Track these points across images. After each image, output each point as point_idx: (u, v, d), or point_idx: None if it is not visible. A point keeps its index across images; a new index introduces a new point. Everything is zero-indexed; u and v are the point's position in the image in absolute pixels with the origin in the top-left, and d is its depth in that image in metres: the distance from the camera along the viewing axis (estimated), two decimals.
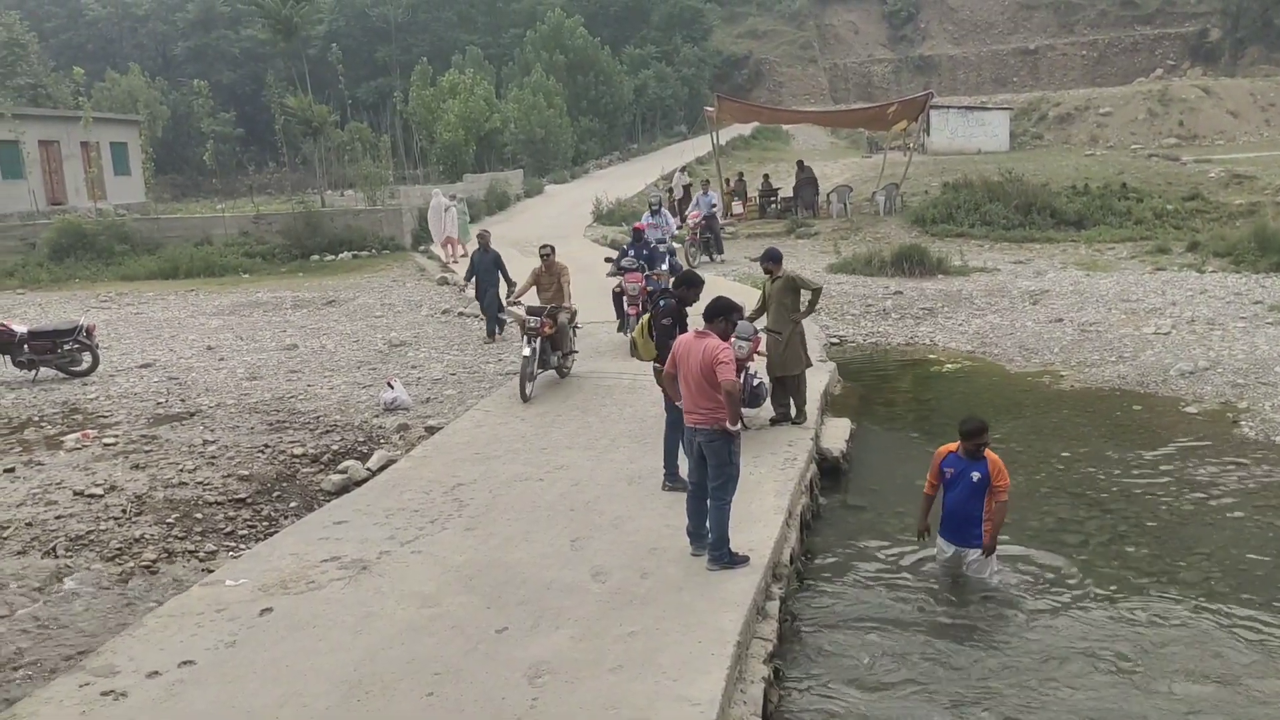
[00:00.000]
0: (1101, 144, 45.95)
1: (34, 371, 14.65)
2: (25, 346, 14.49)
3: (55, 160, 38.58)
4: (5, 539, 8.62)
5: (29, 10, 68.28)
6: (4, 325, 14.69)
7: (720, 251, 24.45)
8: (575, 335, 13.50)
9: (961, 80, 75.68)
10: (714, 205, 25.41)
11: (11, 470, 10.39)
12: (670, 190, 35.36)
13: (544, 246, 13.70)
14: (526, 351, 12.09)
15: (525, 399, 11.97)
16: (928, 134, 42.52)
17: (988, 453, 7.78)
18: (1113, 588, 7.85)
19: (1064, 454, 11.00)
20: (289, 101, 35.27)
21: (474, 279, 16.51)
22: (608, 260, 15.31)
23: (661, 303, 9.21)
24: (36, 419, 12.54)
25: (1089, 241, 24.67)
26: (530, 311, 12.42)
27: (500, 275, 16.27)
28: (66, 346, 14.59)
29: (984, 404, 12.75)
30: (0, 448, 11.36)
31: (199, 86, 49.39)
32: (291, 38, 36.05)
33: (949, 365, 15.17)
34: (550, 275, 13.50)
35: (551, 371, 12.99)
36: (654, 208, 20.15)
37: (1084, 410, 12.67)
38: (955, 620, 7.46)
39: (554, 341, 12.61)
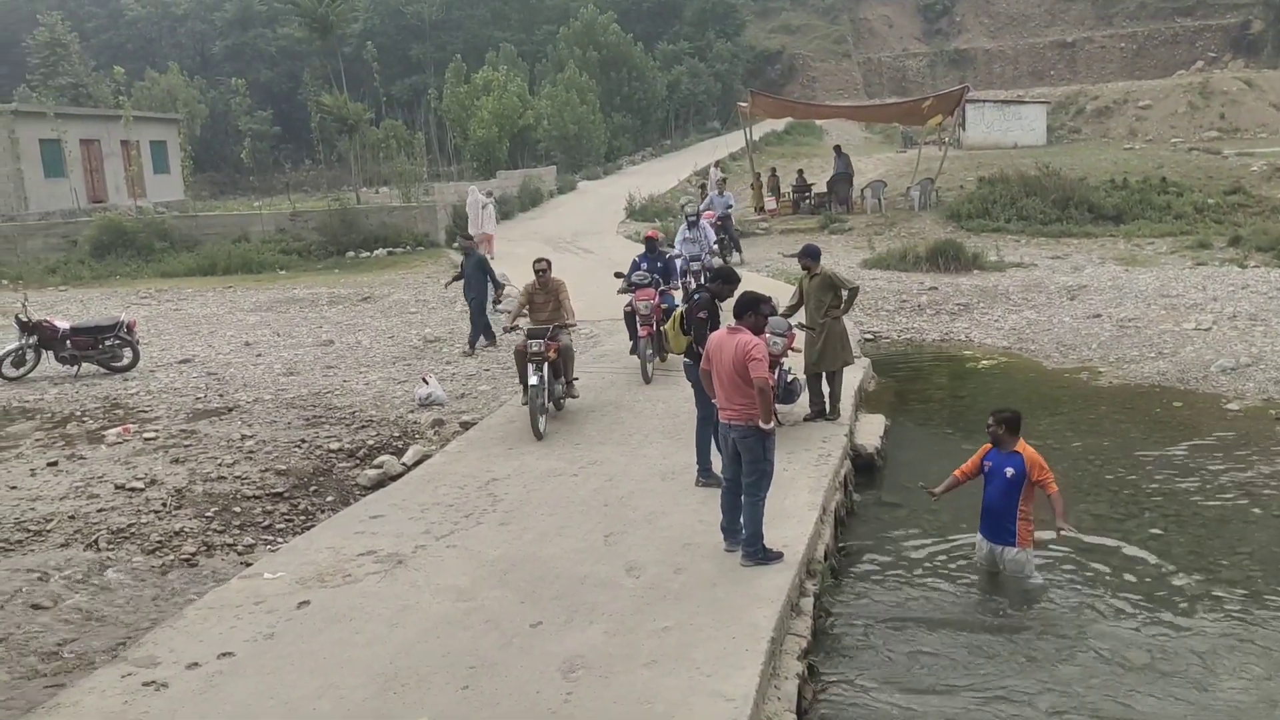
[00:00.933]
0: (1140, 138, 45.34)
1: (76, 367, 14.88)
2: (68, 342, 14.72)
3: (96, 159, 39.09)
4: (49, 531, 8.77)
5: (70, 11, 69.33)
6: (47, 321, 14.93)
7: (739, 251, 24.13)
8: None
9: (997, 74, 74.95)
10: (730, 206, 24.45)
11: (55, 464, 10.56)
12: (703, 186, 35.30)
13: (539, 261, 11.98)
14: (534, 380, 10.40)
15: (539, 436, 10.45)
16: (963, 128, 42.17)
17: (1023, 446, 7.70)
18: (1153, 586, 7.76)
19: (1102, 451, 10.89)
20: (325, 99, 35.55)
21: (463, 284, 15.76)
22: (618, 275, 13.73)
23: (696, 296, 9.19)
24: (79, 413, 12.73)
25: (1128, 236, 24.38)
26: (531, 334, 10.75)
27: (488, 279, 15.59)
28: (108, 342, 14.80)
29: (1020, 400, 12.61)
30: (44, 442, 11.55)
31: (237, 85, 50.04)
32: (327, 36, 36.29)
33: (985, 361, 15.05)
34: (546, 293, 11.69)
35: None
36: (690, 219, 16.92)
37: (1123, 407, 12.53)
38: (991, 618, 7.40)
39: (556, 368, 10.94)
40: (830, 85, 76.28)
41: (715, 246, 15.23)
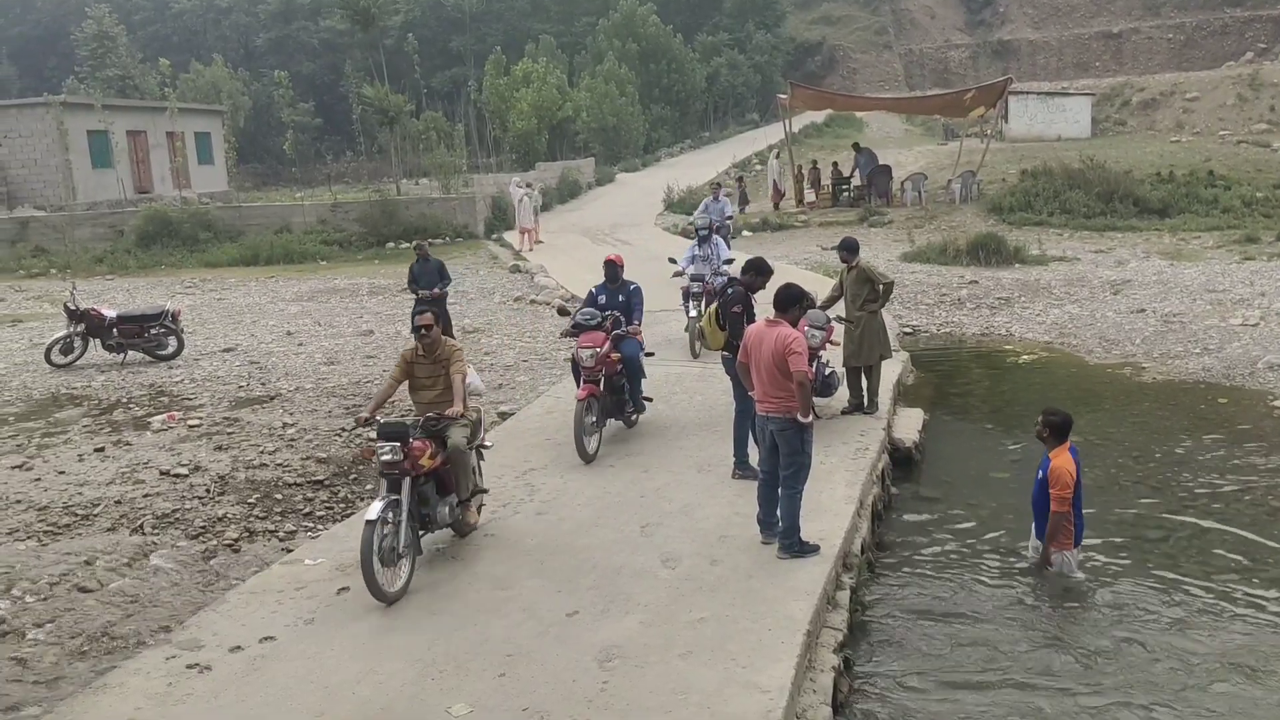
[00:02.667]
0: (1188, 130, 44.52)
1: (122, 355, 15.13)
2: (114, 331, 14.98)
3: (143, 150, 39.66)
4: (96, 516, 8.93)
5: (118, 3, 70.21)
6: (95, 310, 15.20)
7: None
8: (482, 461, 8.24)
9: (1041, 65, 73.94)
10: (729, 216, 20.40)
11: (102, 450, 10.76)
12: (740, 179, 35.19)
13: (421, 314, 7.73)
14: (372, 513, 6.66)
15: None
16: (1006, 120, 41.66)
17: (1057, 454, 7.53)
18: (1197, 586, 7.65)
19: (1145, 447, 10.75)
20: (366, 91, 35.84)
21: (416, 291, 14.31)
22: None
23: (730, 290, 9.16)
24: (125, 400, 12.95)
25: (1173, 230, 24.02)
26: (384, 432, 6.99)
27: (441, 283, 14.37)
28: (153, 331, 15.04)
29: (1062, 396, 12.51)
30: (91, 428, 11.77)
31: (279, 77, 50.40)
32: (369, 28, 36.62)
33: (1026, 356, 14.90)
34: (433, 363, 7.68)
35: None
36: (701, 233, 14.20)
37: (1166, 403, 12.36)
38: (1029, 615, 7.33)
39: (443, 482, 7.45)
40: (871, 77, 75.67)
41: (727, 266, 13.06)
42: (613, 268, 10.42)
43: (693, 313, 12.67)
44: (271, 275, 24.38)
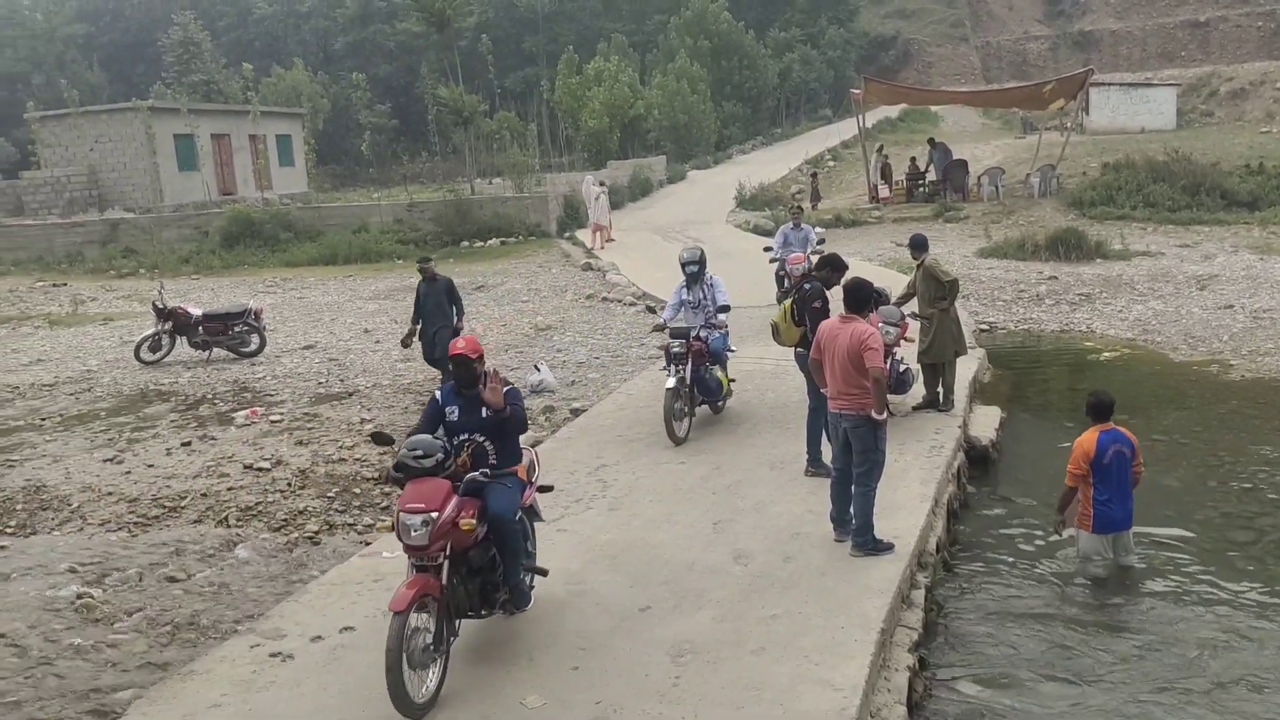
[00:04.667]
0: (1279, 121, 43.08)
1: (207, 352, 15.57)
2: (200, 328, 15.43)
3: (226, 152, 40.66)
4: (183, 508, 9.22)
5: (203, 10, 72.10)
6: (181, 309, 15.67)
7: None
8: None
9: (1124, 56, 72.02)
10: (818, 242, 15.63)
11: (189, 444, 11.09)
12: (814, 175, 34.80)
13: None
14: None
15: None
16: (1086, 113, 40.70)
17: (1084, 434, 7.75)
18: None
19: (1231, 446, 10.44)
20: (441, 92, 36.32)
21: (418, 323, 12.48)
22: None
23: (808, 286, 9.10)
24: (210, 396, 13.33)
25: (1263, 223, 23.23)
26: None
27: (454, 310, 12.44)
28: (237, 329, 15.46)
29: (1145, 394, 12.21)
30: (178, 423, 12.13)
31: (357, 80, 51.35)
32: (444, 30, 37.04)
33: (1107, 353, 14.55)
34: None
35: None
36: (690, 270, 10.73)
37: (1255, 402, 11.98)
38: (1108, 619, 7.17)
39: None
40: (947, 70, 74.44)
41: (723, 318, 10.61)
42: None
43: (671, 382, 9.80)
44: (349, 274, 24.85)
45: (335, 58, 72.76)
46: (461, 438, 6.13)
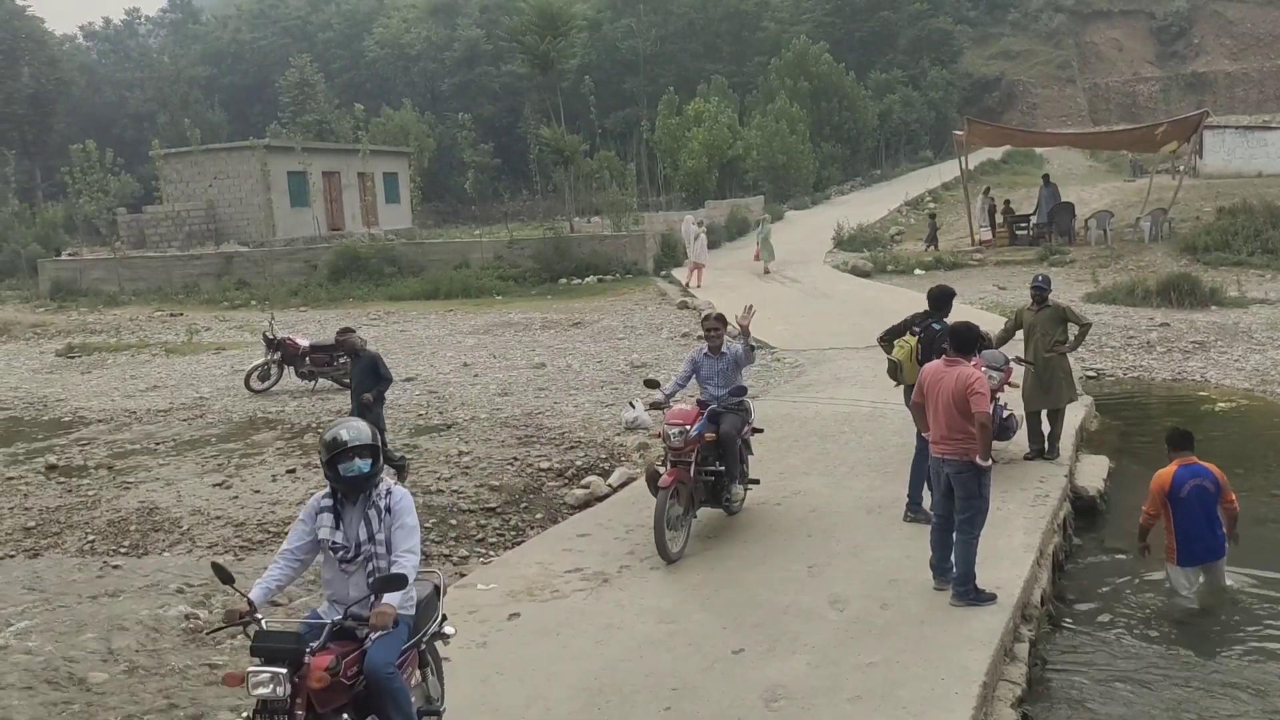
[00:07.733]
0: None
1: (314, 382, 16.01)
2: (307, 359, 15.88)
3: (336, 190, 41.98)
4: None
5: (318, 53, 75.01)
6: (290, 340, 16.15)
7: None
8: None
9: (1240, 98, 69.90)
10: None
11: (293, 471, 11.39)
12: (992, 199, 31.97)
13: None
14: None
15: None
16: (1200, 156, 39.48)
17: (1161, 470, 7.88)
18: None
19: None
20: (544, 132, 37.02)
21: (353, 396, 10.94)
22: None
23: (934, 325, 8.95)
24: (315, 425, 13.68)
25: None
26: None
27: (377, 388, 10.75)
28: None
29: (1264, 446, 11.69)
30: (283, 450, 12.47)
31: (463, 119, 52.59)
32: (548, 72, 37.79)
33: (1222, 404, 13.98)
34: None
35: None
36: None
37: None
38: (1222, 678, 6.83)
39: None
40: (1052, 112, 73.19)
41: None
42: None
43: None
44: (450, 309, 25.34)
45: (442, 98, 74.77)
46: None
